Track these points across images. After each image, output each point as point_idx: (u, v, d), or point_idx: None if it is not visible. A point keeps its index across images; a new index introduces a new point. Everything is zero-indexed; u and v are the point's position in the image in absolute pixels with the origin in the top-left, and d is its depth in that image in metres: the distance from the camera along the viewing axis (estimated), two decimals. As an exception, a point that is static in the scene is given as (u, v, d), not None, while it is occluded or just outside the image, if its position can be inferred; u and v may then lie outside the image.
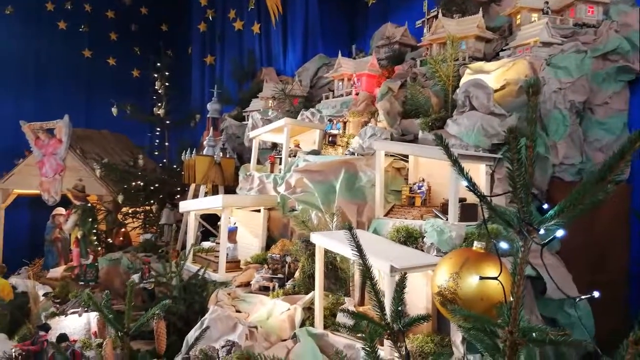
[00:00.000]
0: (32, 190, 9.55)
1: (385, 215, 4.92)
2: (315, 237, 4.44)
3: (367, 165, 5.23)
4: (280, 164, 6.55)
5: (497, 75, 5.26)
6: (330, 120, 6.33)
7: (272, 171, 6.69)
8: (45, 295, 7.03)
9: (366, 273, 2.41)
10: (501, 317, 1.97)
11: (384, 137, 5.33)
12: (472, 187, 1.97)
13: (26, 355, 4.83)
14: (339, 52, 7.14)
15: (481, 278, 2.66)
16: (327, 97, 7.24)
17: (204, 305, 5.20)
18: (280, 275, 5.22)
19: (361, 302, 4.67)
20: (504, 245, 2.08)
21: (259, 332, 4.35)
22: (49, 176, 9.26)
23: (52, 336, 4.89)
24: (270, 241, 6.28)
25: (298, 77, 8.30)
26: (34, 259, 9.43)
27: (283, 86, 7.94)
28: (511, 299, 1.90)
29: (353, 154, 5.49)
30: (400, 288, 2.40)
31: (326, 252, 4.53)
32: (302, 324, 4.46)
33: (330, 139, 6.04)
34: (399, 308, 2.44)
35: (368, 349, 1.83)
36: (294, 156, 6.28)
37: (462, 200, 4.37)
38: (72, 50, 12.01)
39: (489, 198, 1.95)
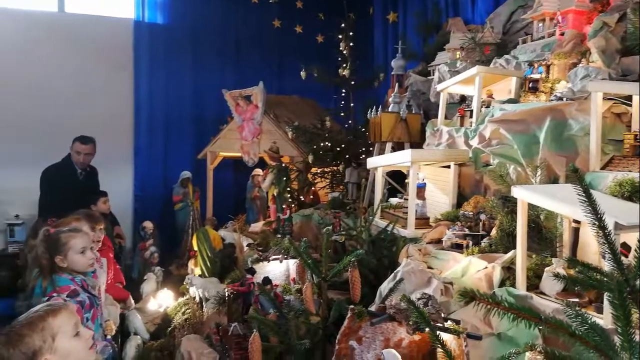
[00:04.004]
0: (235, 152, 10.56)
1: (603, 168, 4.26)
2: (517, 191, 4.03)
3: (579, 111, 4.54)
4: (470, 116, 6.10)
5: None
6: (530, 65, 5.66)
7: (461, 125, 6.28)
8: (248, 245, 7.76)
9: (599, 223, 2.06)
10: None
11: (600, 78, 4.57)
12: None
13: (236, 295, 5.37)
14: (539, -11, 6.31)
15: None
16: (524, 42, 6.49)
17: (393, 259, 5.16)
18: (475, 233, 4.91)
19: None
20: None
21: (453, 289, 4.15)
22: (248, 139, 10.11)
23: (258, 279, 5.34)
24: (460, 198, 5.95)
25: (489, 24, 7.60)
26: (238, 214, 10.45)
27: (473, 34, 7.35)
28: None
29: (560, 99, 4.83)
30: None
31: (528, 208, 4.10)
32: (501, 284, 4.13)
33: (530, 85, 5.38)
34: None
35: (616, 301, 1.51)
36: (487, 107, 5.79)
37: None
38: (264, 22, 12.79)
39: None
